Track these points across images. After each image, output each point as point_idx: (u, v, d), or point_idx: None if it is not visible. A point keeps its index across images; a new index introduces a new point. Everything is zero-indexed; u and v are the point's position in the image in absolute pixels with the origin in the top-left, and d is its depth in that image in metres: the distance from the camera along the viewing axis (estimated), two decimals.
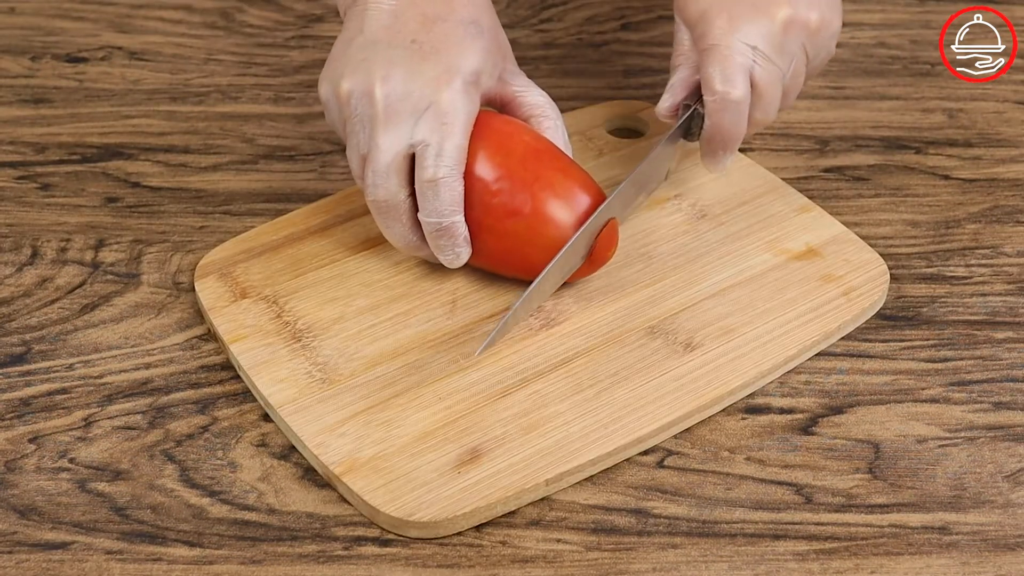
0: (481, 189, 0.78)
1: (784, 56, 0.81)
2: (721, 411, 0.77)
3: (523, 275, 0.80)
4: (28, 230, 0.89)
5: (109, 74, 1.03)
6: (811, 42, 0.82)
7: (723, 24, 0.80)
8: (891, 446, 0.76)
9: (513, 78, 0.83)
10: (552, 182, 0.79)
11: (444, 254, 0.79)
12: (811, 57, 0.83)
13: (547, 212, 0.78)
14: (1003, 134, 0.97)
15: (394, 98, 0.77)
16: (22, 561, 0.70)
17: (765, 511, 0.72)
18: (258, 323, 0.80)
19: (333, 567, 0.70)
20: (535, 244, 0.79)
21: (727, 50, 0.80)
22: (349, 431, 0.74)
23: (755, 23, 0.80)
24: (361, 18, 0.80)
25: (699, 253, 0.85)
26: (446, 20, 0.79)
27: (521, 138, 0.80)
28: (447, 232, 0.78)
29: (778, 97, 0.82)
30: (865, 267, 0.84)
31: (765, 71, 0.81)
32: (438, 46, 0.78)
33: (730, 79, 0.80)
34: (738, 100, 0.80)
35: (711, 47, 0.80)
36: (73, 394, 0.78)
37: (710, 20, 0.81)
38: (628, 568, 0.70)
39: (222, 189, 0.92)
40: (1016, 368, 0.80)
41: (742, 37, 0.80)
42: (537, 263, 0.79)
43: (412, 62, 0.78)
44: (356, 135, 0.78)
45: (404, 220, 0.79)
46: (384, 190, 0.78)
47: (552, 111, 0.83)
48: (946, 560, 0.70)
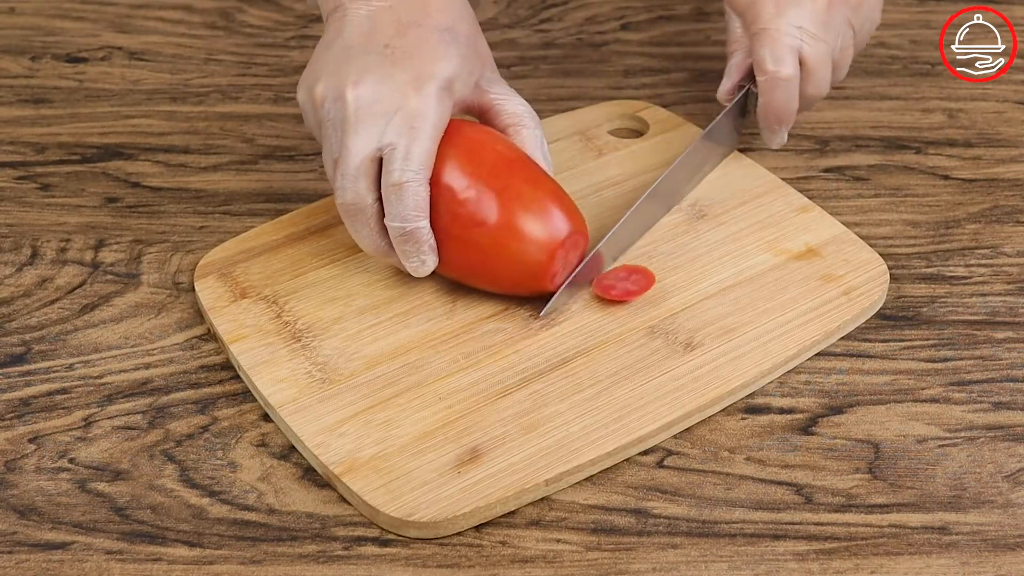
0: (449, 197, 0.77)
1: (831, 32, 0.87)
2: (721, 411, 0.77)
3: (490, 287, 0.80)
4: (28, 230, 0.89)
5: (109, 74, 1.03)
6: (855, 15, 0.88)
7: (771, 9, 0.86)
8: (891, 446, 0.76)
9: (492, 86, 0.82)
10: (521, 193, 0.77)
11: (409, 260, 0.79)
12: (857, 29, 0.89)
13: (514, 224, 0.77)
14: (1003, 134, 0.97)
15: (364, 102, 0.77)
16: (22, 561, 0.70)
17: (765, 511, 0.72)
18: (258, 323, 0.80)
19: (333, 567, 0.70)
20: (501, 256, 0.77)
21: (776, 32, 0.86)
22: (349, 431, 0.74)
23: (800, 5, 0.86)
24: (340, 24, 0.80)
25: (699, 253, 0.85)
26: (421, 26, 0.79)
27: (493, 147, 0.79)
28: (411, 237, 0.77)
29: (829, 72, 0.88)
30: (865, 267, 0.84)
31: (813, 49, 0.86)
32: (411, 51, 0.78)
33: (780, 59, 0.86)
34: (788, 78, 0.86)
35: (761, 31, 0.86)
36: (73, 394, 0.78)
37: (759, 7, 0.87)
38: (628, 568, 0.70)
39: (222, 189, 0.92)
40: (1016, 368, 0.80)
41: (790, 19, 0.86)
42: (503, 277, 0.78)
43: (384, 67, 0.78)
44: (329, 139, 0.78)
45: (372, 224, 0.78)
46: (352, 193, 0.77)
47: (531, 120, 0.82)
48: (946, 560, 0.70)
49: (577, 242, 0.79)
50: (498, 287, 0.79)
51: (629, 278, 0.81)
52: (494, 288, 0.79)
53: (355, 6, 0.80)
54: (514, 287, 0.79)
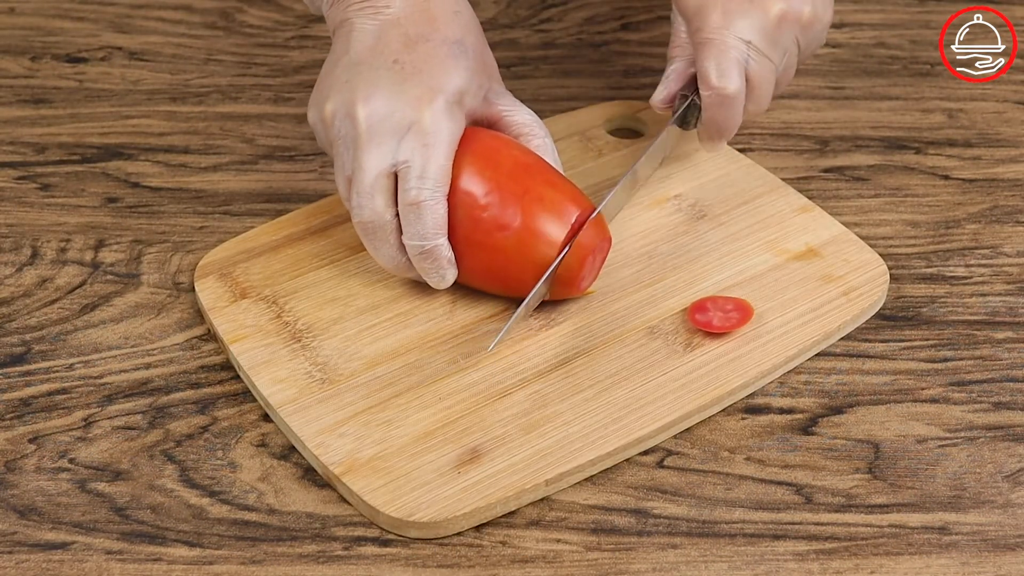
0: (470, 203, 0.77)
1: (777, 49, 0.83)
2: (721, 411, 0.77)
3: (512, 292, 0.80)
4: (28, 230, 0.89)
5: (109, 74, 1.03)
6: (803, 35, 0.84)
7: (718, 18, 0.82)
8: (891, 446, 0.76)
9: (499, 98, 0.82)
10: (542, 195, 0.78)
11: (429, 276, 0.79)
12: (802, 48, 0.85)
13: (537, 226, 0.77)
14: (1003, 134, 0.97)
15: (376, 118, 0.76)
16: (22, 561, 0.70)
17: (765, 511, 0.72)
18: (258, 323, 0.80)
19: (333, 567, 0.70)
20: (525, 259, 0.77)
21: (723, 45, 0.82)
22: (349, 431, 0.74)
23: (749, 17, 0.82)
24: (347, 40, 0.80)
25: (699, 253, 0.85)
26: (429, 40, 0.79)
27: (510, 152, 0.79)
28: (431, 255, 0.77)
29: (771, 89, 0.84)
30: (865, 267, 0.84)
31: (759, 65, 0.83)
32: (420, 66, 0.78)
33: (725, 74, 0.82)
34: (733, 95, 0.82)
35: (706, 40, 0.82)
36: (73, 394, 0.78)
37: (706, 14, 0.83)
38: (628, 568, 0.70)
39: (222, 189, 0.92)
40: (1016, 368, 0.80)
41: (737, 31, 0.82)
42: (527, 279, 0.78)
43: (394, 82, 0.77)
44: (341, 157, 0.78)
45: (392, 240, 0.78)
46: (370, 210, 0.77)
47: (540, 129, 0.82)
48: (946, 560, 0.70)
49: (603, 247, 0.79)
50: (521, 292, 0.78)
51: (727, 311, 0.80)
52: (517, 293, 0.79)
53: (361, 21, 0.80)
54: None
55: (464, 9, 0.81)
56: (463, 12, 0.81)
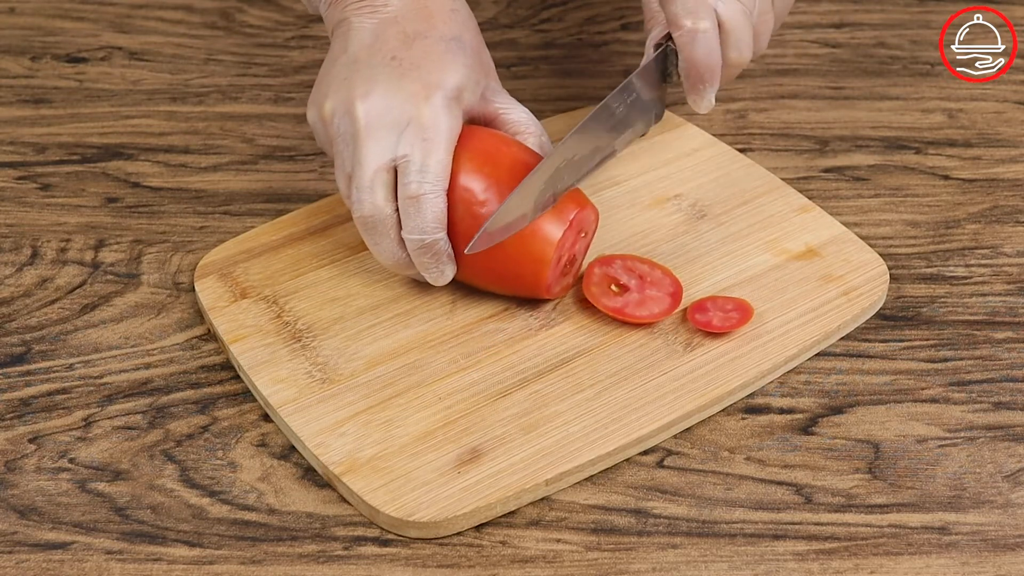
0: (469, 200, 0.77)
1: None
2: (721, 411, 0.77)
3: (511, 290, 0.80)
4: (28, 230, 0.89)
5: (109, 74, 1.03)
6: None
7: None
8: (891, 446, 0.76)
9: (496, 96, 0.82)
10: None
11: (428, 272, 0.78)
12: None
13: (535, 223, 0.77)
14: (1003, 134, 0.97)
15: (374, 114, 0.76)
16: (22, 561, 0.70)
17: (765, 511, 0.72)
18: (258, 323, 0.80)
19: (333, 567, 0.70)
20: (524, 255, 0.78)
21: None
22: (349, 431, 0.74)
23: None
24: (345, 38, 0.80)
25: (699, 253, 0.85)
26: (427, 37, 0.79)
27: (508, 149, 0.79)
28: (430, 249, 0.77)
29: (749, 35, 0.83)
30: (865, 267, 0.84)
31: (729, 8, 0.82)
32: (418, 62, 0.78)
33: (693, 11, 0.81)
34: (705, 29, 0.81)
35: None
36: (73, 394, 0.78)
37: None
38: (628, 568, 0.70)
39: (222, 189, 0.92)
40: (1016, 368, 0.80)
41: None
42: (526, 276, 0.78)
43: (392, 78, 0.77)
44: (341, 154, 0.78)
45: (392, 235, 0.78)
46: (370, 205, 0.77)
47: (536, 128, 0.82)
48: (946, 560, 0.70)
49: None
50: (520, 289, 0.79)
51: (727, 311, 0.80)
52: (516, 291, 0.79)
53: (359, 20, 0.80)
54: (535, 289, 0.79)
55: (461, 7, 0.82)
56: (460, 10, 0.81)
